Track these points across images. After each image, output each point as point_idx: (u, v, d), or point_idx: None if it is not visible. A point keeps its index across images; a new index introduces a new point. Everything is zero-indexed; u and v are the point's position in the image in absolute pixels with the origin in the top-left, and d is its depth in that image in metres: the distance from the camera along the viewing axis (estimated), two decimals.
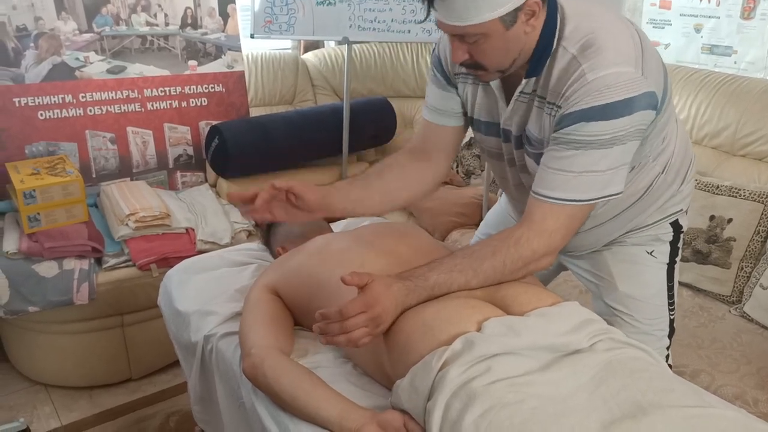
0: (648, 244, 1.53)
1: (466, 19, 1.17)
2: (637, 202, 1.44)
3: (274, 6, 2.92)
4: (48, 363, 2.43)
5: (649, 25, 3.13)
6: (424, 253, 1.37)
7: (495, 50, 1.23)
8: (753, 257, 2.20)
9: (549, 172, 1.24)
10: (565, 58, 1.23)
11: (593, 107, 1.18)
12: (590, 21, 1.24)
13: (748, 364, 1.92)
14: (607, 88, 1.17)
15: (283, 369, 1.27)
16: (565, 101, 1.21)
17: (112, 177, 2.82)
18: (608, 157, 1.21)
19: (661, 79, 1.26)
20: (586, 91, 1.18)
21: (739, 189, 2.27)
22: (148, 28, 2.85)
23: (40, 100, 2.61)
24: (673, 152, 1.44)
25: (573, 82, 1.20)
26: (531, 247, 1.24)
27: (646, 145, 1.33)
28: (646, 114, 1.22)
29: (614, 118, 1.18)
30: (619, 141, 1.20)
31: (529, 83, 1.30)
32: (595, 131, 1.19)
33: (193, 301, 1.65)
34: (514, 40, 1.22)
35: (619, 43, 1.20)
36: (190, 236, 2.49)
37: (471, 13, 1.16)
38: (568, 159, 1.22)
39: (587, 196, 1.23)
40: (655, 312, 1.55)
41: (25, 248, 2.26)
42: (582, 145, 1.20)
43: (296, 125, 3.01)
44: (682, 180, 1.50)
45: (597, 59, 1.18)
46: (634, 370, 1.10)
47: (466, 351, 1.08)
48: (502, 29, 1.19)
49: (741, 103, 2.49)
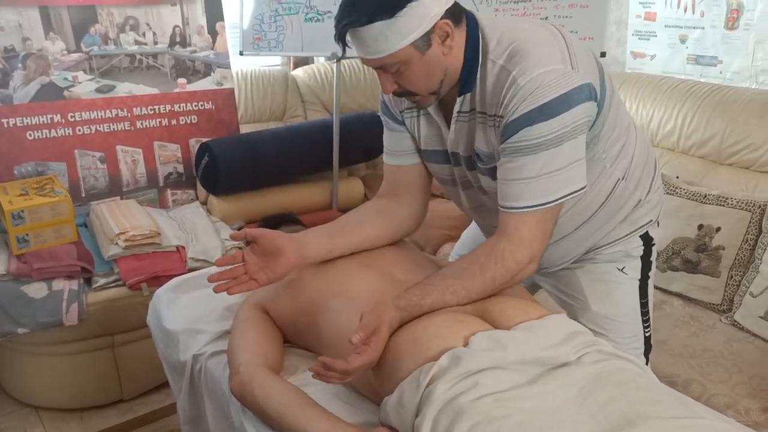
0: (619, 260, 1.53)
1: (380, 52, 1.21)
2: (600, 210, 1.45)
3: (263, 23, 2.94)
4: (38, 385, 2.41)
5: (635, 37, 3.16)
6: (417, 273, 1.37)
7: (418, 75, 1.26)
8: (742, 265, 2.21)
9: (507, 184, 1.26)
10: (495, 70, 1.25)
11: (532, 110, 1.20)
12: (512, 33, 1.27)
13: (739, 372, 1.92)
14: (540, 88, 1.19)
15: (271, 387, 1.26)
16: (505, 110, 1.23)
17: (101, 196, 2.82)
18: (560, 155, 1.23)
19: (596, 73, 1.28)
20: (521, 96, 1.20)
21: (727, 198, 2.28)
22: (136, 47, 2.85)
23: (29, 120, 2.61)
24: (632, 158, 1.45)
25: (507, 90, 1.23)
26: (515, 259, 1.25)
27: (599, 143, 1.34)
28: (587, 106, 1.24)
29: (555, 115, 1.20)
30: (567, 137, 1.22)
31: (464, 101, 1.32)
32: (540, 133, 1.21)
33: (181, 320, 1.65)
34: (434, 63, 1.25)
35: (542, 47, 1.23)
36: (181, 254, 2.48)
37: (383, 45, 1.20)
38: (521, 166, 1.24)
39: (550, 197, 1.25)
40: (629, 330, 1.55)
41: (13, 269, 2.25)
42: (531, 149, 1.22)
43: (287, 141, 3.01)
44: (647, 189, 1.50)
45: (524, 64, 1.21)
46: (621, 382, 1.10)
47: (452, 366, 1.07)
48: (417, 55, 1.22)
49: (727, 112, 2.50)
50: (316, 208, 3.12)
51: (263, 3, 2.91)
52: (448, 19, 1.23)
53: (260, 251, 1.38)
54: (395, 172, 1.53)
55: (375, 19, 1.18)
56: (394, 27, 1.18)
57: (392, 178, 1.54)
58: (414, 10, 1.18)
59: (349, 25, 1.21)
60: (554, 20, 2.72)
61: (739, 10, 2.72)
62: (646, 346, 1.60)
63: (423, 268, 1.44)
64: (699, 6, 2.86)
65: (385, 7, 1.17)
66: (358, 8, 1.19)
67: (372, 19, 1.18)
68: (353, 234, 1.47)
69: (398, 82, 1.28)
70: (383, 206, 1.53)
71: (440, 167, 1.48)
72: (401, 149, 1.50)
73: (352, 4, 1.20)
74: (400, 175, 1.52)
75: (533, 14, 2.73)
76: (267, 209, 2.81)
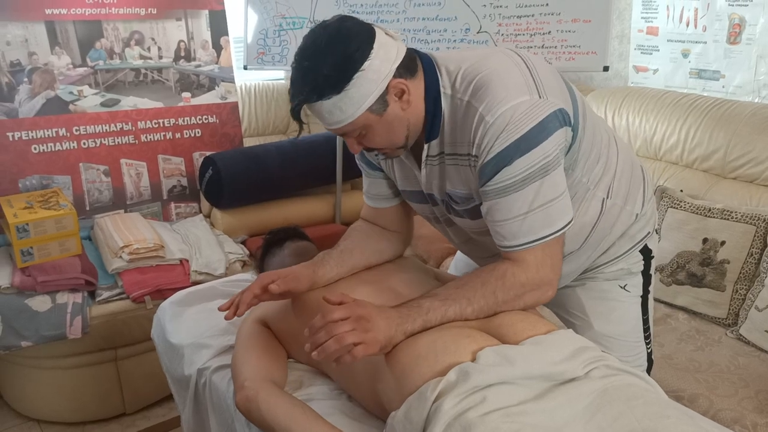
0: (620, 278, 1.51)
1: (337, 123, 1.21)
2: (594, 232, 1.42)
3: (267, 38, 2.95)
4: (41, 399, 2.41)
5: (637, 51, 3.17)
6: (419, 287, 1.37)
7: (380, 136, 1.25)
8: (747, 279, 2.21)
9: (501, 225, 1.23)
10: (462, 108, 1.23)
11: (507, 147, 1.17)
12: (474, 65, 1.24)
13: (746, 387, 1.91)
14: (511, 123, 1.16)
15: (276, 402, 1.26)
16: (478, 149, 1.21)
17: (105, 209, 2.82)
18: (546, 185, 1.20)
19: (566, 96, 1.26)
20: (492, 134, 1.18)
21: (731, 211, 2.27)
22: (141, 62, 2.87)
23: (34, 134, 2.63)
24: (615, 174, 1.42)
25: (476, 128, 1.20)
26: (518, 281, 1.23)
27: (577, 168, 1.32)
28: (562, 132, 1.21)
29: (532, 149, 1.17)
30: (552, 166, 1.20)
31: (432, 147, 1.30)
32: (520, 169, 1.18)
33: (186, 333, 1.64)
34: (395, 121, 1.24)
35: (505, 78, 1.20)
36: (185, 267, 2.48)
37: (338, 116, 1.20)
38: (510, 205, 1.21)
39: (551, 229, 1.22)
40: (632, 349, 1.54)
41: (17, 282, 2.25)
42: (515, 186, 1.19)
43: (290, 155, 3.02)
44: (641, 202, 1.48)
45: (490, 99, 1.18)
46: (629, 397, 1.10)
47: (461, 381, 1.07)
48: (376, 118, 1.22)
49: (730, 126, 2.51)
50: (319, 221, 3.12)
51: (267, 18, 2.93)
52: (402, 74, 1.21)
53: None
54: (374, 214, 1.55)
55: (324, 95, 1.17)
56: (345, 99, 1.17)
57: (372, 217, 1.56)
58: (362, 79, 1.16)
59: (301, 103, 1.20)
60: (557, 35, 2.73)
61: (742, 24, 2.74)
62: (648, 362, 1.59)
63: (425, 282, 1.44)
64: (701, 20, 2.88)
65: (332, 84, 1.16)
66: (307, 86, 1.18)
67: (321, 96, 1.17)
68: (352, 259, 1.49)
69: (362, 143, 1.28)
70: (372, 231, 1.54)
71: (420, 207, 1.48)
72: (379, 194, 1.52)
73: (302, 82, 1.19)
74: (379, 216, 1.55)
75: (536, 29, 2.74)
76: (270, 222, 2.81)
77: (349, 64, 1.16)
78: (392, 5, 2.87)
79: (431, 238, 2.88)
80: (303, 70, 1.19)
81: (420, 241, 2.92)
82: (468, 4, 2.79)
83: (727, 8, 2.77)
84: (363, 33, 1.18)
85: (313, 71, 1.17)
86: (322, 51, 1.17)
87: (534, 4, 2.72)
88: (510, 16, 2.76)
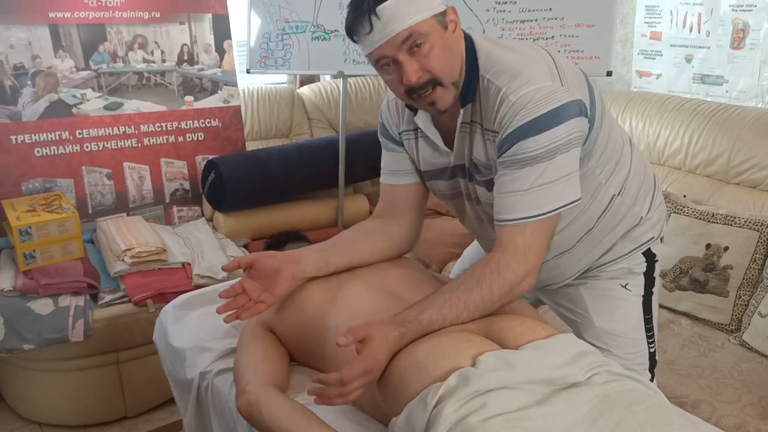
0: (622, 277, 1.54)
1: (409, 20, 1.23)
2: (597, 225, 1.46)
3: (270, 42, 2.96)
4: (42, 401, 2.41)
5: (641, 56, 3.17)
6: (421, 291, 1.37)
7: (441, 53, 1.26)
8: (750, 285, 2.20)
9: (501, 197, 1.29)
10: (487, 87, 1.30)
11: (524, 124, 1.23)
12: (502, 51, 1.31)
13: (749, 393, 1.91)
14: (531, 103, 1.23)
15: (278, 406, 1.25)
16: (499, 125, 1.27)
17: (108, 212, 2.82)
18: (552, 167, 1.25)
19: (585, 92, 1.31)
20: (513, 112, 1.24)
21: (735, 217, 2.27)
22: (144, 65, 2.87)
23: (37, 137, 2.63)
24: (628, 174, 1.46)
25: (499, 106, 1.26)
26: (512, 270, 1.26)
27: (591, 159, 1.36)
28: (578, 121, 1.26)
29: (547, 129, 1.23)
30: (561, 150, 1.24)
31: (466, 112, 1.35)
32: (533, 146, 1.23)
33: (188, 337, 1.64)
34: (454, 44, 1.29)
35: (531, 65, 1.27)
36: (187, 271, 2.48)
37: (412, 10, 1.23)
38: (515, 179, 1.26)
39: (544, 209, 1.26)
40: (634, 346, 1.55)
41: (20, 285, 2.25)
42: (526, 162, 1.25)
43: (293, 158, 3.02)
44: (648, 206, 1.51)
45: (514, 81, 1.25)
46: (631, 403, 1.09)
47: (461, 386, 1.07)
48: (440, 30, 1.26)
49: (734, 131, 2.50)
50: (321, 225, 3.12)
51: (270, 22, 2.93)
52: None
53: (258, 275, 1.40)
54: (391, 191, 1.56)
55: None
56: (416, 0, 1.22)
57: (388, 197, 1.57)
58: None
59: (376, 3, 1.22)
60: (560, 39, 2.73)
61: (745, 29, 2.73)
62: (651, 361, 1.59)
63: (427, 286, 1.43)
64: (705, 25, 2.88)
65: None
66: None
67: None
68: (347, 251, 1.50)
69: (422, 64, 1.26)
70: (378, 226, 1.56)
71: (441, 184, 1.50)
72: (399, 169, 1.54)
73: None
74: (396, 194, 1.56)
75: (540, 33, 2.74)
76: (273, 226, 2.80)
77: None
78: None
79: (434, 242, 2.88)
80: None
81: (422, 245, 2.92)
82: (471, 8, 2.79)
83: (730, 13, 2.77)
84: None
85: None
86: None
87: (537, 9, 2.72)
88: (513, 20, 2.76)
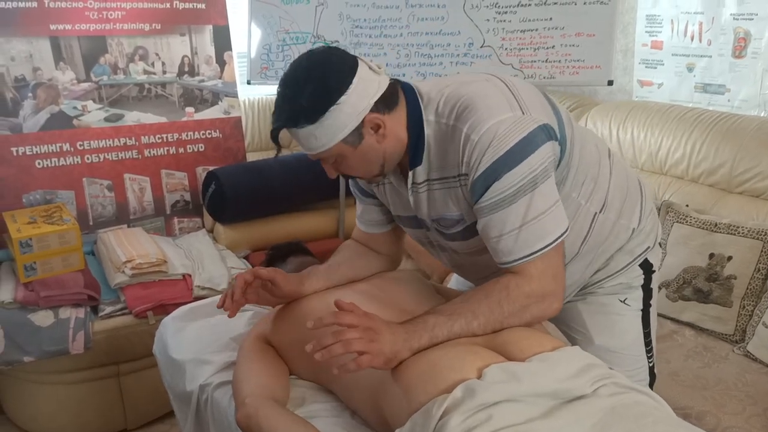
0: (620, 292, 1.52)
1: (312, 150, 1.26)
2: (584, 246, 1.43)
3: (270, 53, 2.96)
4: (42, 414, 2.39)
5: (642, 65, 3.17)
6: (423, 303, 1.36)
7: (355, 164, 1.29)
8: (754, 295, 2.18)
9: (497, 241, 1.24)
10: (448, 132, 1.26)
11: (493, 163, 1.20)
12: (454, 91, 1.28)
13: (754, 404, 1.89)
14: (496, 139, 1.19)
15: (278, 419, 1.24)
16: (468, 167, 1.23)
17: (109, 224, 2.82)
18: (538, 197, 1.22)
19: (551, 113, 1.29)
20: (479, 150, 1.20)
21: (738, 226, 2.26)
22: (145, 77, 2.88)
23: (38, 149, 2.63)
24: (608, 190, 1.43)
25: (464, 147, 1.23)
26: (523, 292, 1.24)
27: (566, 183, 1.33)
28: (549, 146, 1.23)
29: (519, 162, 1.19)
30: (540, 178, 1.22)
31: (417, 174, 1.33)
32: (509, 183, 1.20)
33: (188, 349, 1.63)
34: (370, 152, 1.27)
35: (487, 98, 1.24)
36: (187, 282, 2.47)
37: (313, 144, 1.24)
38: (504, 221, 1.22)
39: (546, 241, 1.23)
40: (634, 362, 1.54)
41: (20, 297, 2.24)
42: (507, 201, 1.21)
43: (293, 169, 3.02)
44: (638, 217, 1.49)
45: (474, 118, 1.21)
46: (638, 416, 1.08)
47: (467, 399, 1.05)
48: (350, 149, 1.25)
49: (736, 140, 2.49)
50: (322, 236, 3.11)
51: (271, 33, 2.93)
52: (379, 108, 1.24)
53: (270, 290, 1.46)
54: (367, 238, 1.59)
55: (299, 124, 1.21)
56: (320, 128, 1.21)
57: (364, 241, 1.59)
58: (337, 111, 1.20)
59: (278, 128, 1.25)
60: (561, 49, 2.73)
61: (747, 38, 2.73)
62: (650, 376, 1.58)
63: (429, 298, 1.43)
64: (706, 34, 2.87)
65: (307, 115, 1.20)
66: (285, 113, 1.23)
67: (297, 124, 1.22)
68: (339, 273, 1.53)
69: (338, 170, 1.32)
70: (360, 252, 1.58)
71: (413, 231, 1.50)
72: (371, 220, 1.56)
73: (280, 109, 1.24)
74: (370, 240, 1.58)
75: (540, 43, 2.74)
76: (273, 237, 2.80)
77: (326, 97, 1.19)
78: (395, 20, 2.88)
79: None
80: (283, 98, 1.23)
81: (423, 256, 2.91)
82: (471, 19, 2.79)
83: (732, 22, 2.77)
84: (345, 67, 1.22)
85: (292, 100, 1.21)
86: (303, 81, 1.21)
87: (538, 18, 2.72)
88: (514, 30, 2.76)
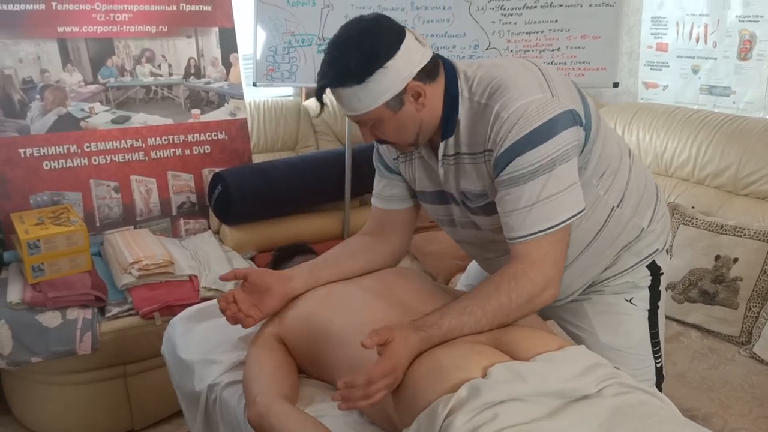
0: (626, 291, 1.53)
1: (354, 110, 1.30)
2: (597, 238, 1.45)
3: (276, 54, 2.97)
4: (50, 414, 2.40)
5: (647, 68, 3.17)
6: (431, 302, 1.37)
7: (392, 130, 1.33)
8: (760, 297, 2.18)
9: (509, 216, 1.28)
10: (479, 109, 1.30)
11: (520, 139, 1.24)
12: (489, 71, 1.32)
13: (760, 406, 1.89)
14: (524, 118, 1.23)
15: (289, 417, 1.25)
16: (494, 143, 1.28)
17: (115, 225, 2.83)
18: (555, 178, 1.25)
19: (578, 101, 1.32)
20: (506, 128, 1.25)
21: (744, 228, 2.26)
22: (152, 79, 2.89)
23: (45, 150, 2.64)
24: (627, 185, 1.46)
25: (492, 125, 1.27)
26: (530, 280, 1.25)
27: (588, 169, 1.36)
28: (574, 131, 1.27)
29: (543, 142, 1.23)
30: (560, 160, 1.24)
31: (448, 146, 1.37)
32: (531, 160, 1.24)
33: (196, 349, 1.64)
34: (408, 119, 1.31)
35: (519, 80, 1.28)
36: (194, 284, 2.48)
37: (356, 104, 1.28)
38: (519, 196, 1.26)
39: (553, 221, 1.26)
40: (640, 362, 1.54)
41: (28, 298, 2.25)
42: (525, 177, 1.25)
43: (299, 171, 3.02)
44: (649, 218, 1.50)
45: (504, 98, 1.26)
46: (644, 416, 1.08)
47: (472, 398, 1.06)
48: (390, 113, 1.29)
49: (742, 142, 2.50)
50: (328, 237, 3.11)
51: (277, 35, 2.94)
52: (421, 78, 1.28)
53: (250, 289, 1.47)
54: (382, 216, 1.59)
55: (346, 83, 1.25)
56: (365, 90, 1.25)
57: (378, 220, 1.60)
58: (383, 75, 1.24)
59: (324, 86, 1.28)
60: (567, 51, 2.73)
61: (752, 40, 2.73)
62: (657, 377, 1.58)
63: (435, 297, 1.43)
64: (711, 36, 2.88)
65: (355, 74, 1.24)
66: (332, 71, 1.26)
67: (343, 83, 1.25)
68: (335, 267, 1.55)
69: (375, 134, 1.36)
70: (366, 243, 1.59)
71: (436, 208, 1.51)
72: (391, 195, 1.56)
73: (328, 66, 1.27)
74: (386, 218, 1.59)
75: (546, 45, 2.75)
76: (279, 239, 2.81)
77: (373, 60, 1.23)
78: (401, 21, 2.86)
79: (440, 255, 2.87)
80: (332, 57, 1.27)
81: (429, 257, 2.91)
82: (477, 20, 2.80)
83: (737, 24, 2.77)
84: (393, 33, 1.27)
85: (340, 61, 1.25)
86: (353, 43, 1.25)
87: (543, 21, 2.73)
88: (519, 32, 2.76)
